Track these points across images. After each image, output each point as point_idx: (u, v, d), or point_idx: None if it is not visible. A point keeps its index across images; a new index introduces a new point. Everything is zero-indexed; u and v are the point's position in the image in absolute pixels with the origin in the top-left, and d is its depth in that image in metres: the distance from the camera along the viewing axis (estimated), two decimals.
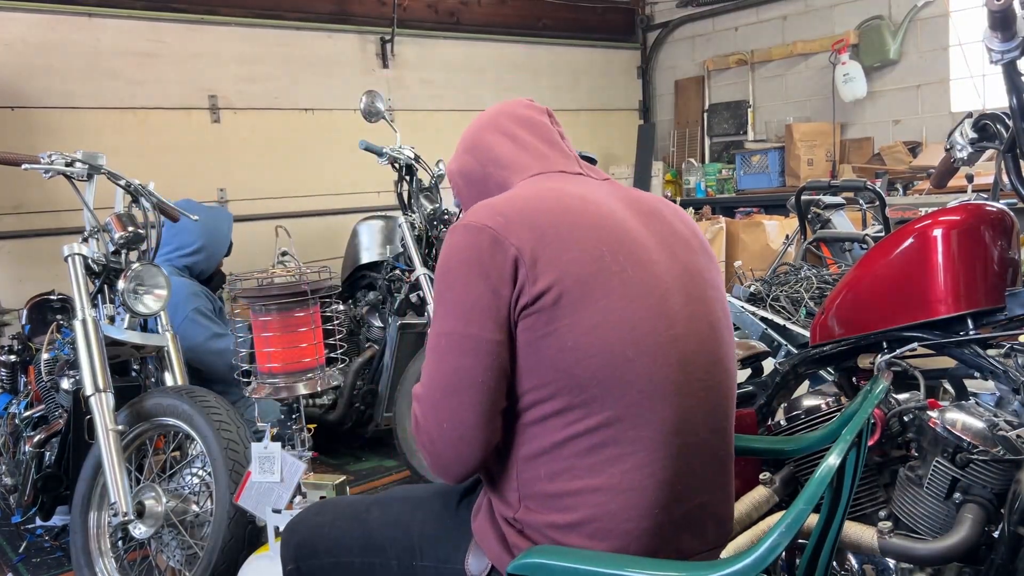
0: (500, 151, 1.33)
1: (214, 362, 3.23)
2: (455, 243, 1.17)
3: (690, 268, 1.23)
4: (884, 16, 5.74)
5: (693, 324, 1.18)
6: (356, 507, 1.40)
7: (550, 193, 1.20)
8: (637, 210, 1.24)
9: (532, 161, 1.31)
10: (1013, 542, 1.36)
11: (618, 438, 1.11)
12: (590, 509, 1.11)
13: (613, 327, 1.11)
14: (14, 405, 3.17)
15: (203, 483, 2.29)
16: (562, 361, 1.10)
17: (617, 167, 7.02)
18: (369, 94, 3.45)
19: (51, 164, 2.45)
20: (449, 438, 1.14)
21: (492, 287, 1.12)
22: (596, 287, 1.12)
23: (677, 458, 1.14)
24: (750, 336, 2.37)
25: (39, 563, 2.84)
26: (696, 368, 1.17)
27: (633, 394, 1.11)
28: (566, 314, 1.10)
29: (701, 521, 1.20)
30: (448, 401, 1.14)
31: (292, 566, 1.40)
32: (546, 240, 1.13)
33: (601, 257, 1.13)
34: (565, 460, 1.12)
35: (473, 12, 6.22)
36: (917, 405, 1.58)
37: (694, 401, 1.16)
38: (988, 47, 1.59)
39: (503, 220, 1.15)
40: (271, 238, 2.38)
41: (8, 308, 4.11)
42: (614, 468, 1.11)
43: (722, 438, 1.23)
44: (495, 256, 1.12)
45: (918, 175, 5.21)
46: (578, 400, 1.10)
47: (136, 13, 4.65)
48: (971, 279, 1.61)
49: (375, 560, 1.31)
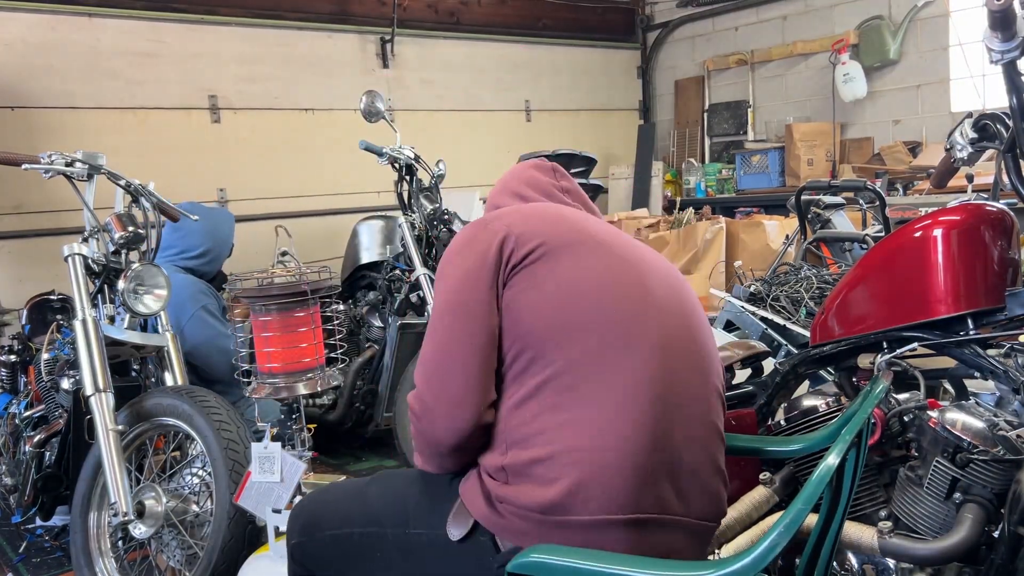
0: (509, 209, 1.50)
1: (220, 360, 3.23)
2: (459, 234, 1.36)
3: (671, 278, 1.36)
4: (884, 16, 5.74)
5: (670, 303, 1.30)
6: (358, 484, 1.47)
7: (543, 206, 1.42)
8: (621, 236, 1.39)
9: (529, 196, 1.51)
10: (1013, 542, 1.36)
11: (590, 377, 1.21)
12: (569, 440, 1.18)
13: (590, 280, 1.25)
14: (14, 405, 3.17)
15: (203, 483, 2.29)
16: (541, 309, 1.23)
17: (617, 167, 7.03)
18: (369, 94, 3.45)
19: (51, 164, 2.45)
20: (442, 402, 1.24)
21: (482, 259, 1.27)
22: (580, 248, 1.28)
23: (654, 407, 1.21)
24: (750, 336, 2.37)
25: (39, 563, 2.84)
26: (675, 338, 1.27)
27: (609, 338, 1.22)
28: (548, 264, 1.26)
29: (686, 484, 1.23)
30: (442, 366, 1.25)
31: (296, 540, 1.45)
32: (531, 222, 1.31)
33: (581, 241, 1.30)
34: (544, 400, 1.21)
35: (473, 12, 6.22)
36: (917, 405, 1.58)
37: (674, 363, 1.25)
38: (988, 47, 1.59)
39: (496, 214, 1.36)
40: (271, 238, 2.38)
41: (8, 308, 4.11)
42: (590, 403, 1.20)
43: (707, 407, 1.29)
44: (488, 238, 1.29)
45: (918, 175, 5.21)
46: (552, 343, 1.22)
47: (136, 13, 4.65)
48: (971, 279, 1.61)
49: (373, 530, 1.36)
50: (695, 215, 5.98)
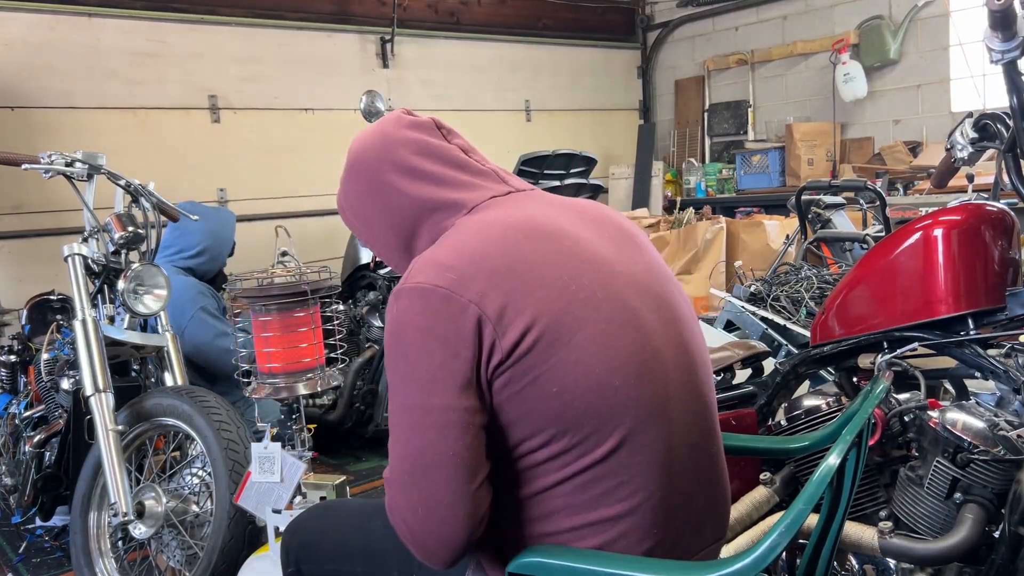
0: (415, 194, 1.21)
1: (220, 360, 3.23)
2: (404, 308, 1.07)
3: (650, 267, 1.19)
4: (884, 16, 5.74)
5: (668, 329, 1.15)
6: (360, 514, 1.36)
7: (493, 229, 1.11)
8: (584, 219, 1.19)
9: (457, 196, 1.20)
10: (1013, 542, 1.36)
11: (615, 469, 1.07)
12: (590, 541, 1.09)
13: (595, 358, 1.05)
14: (14, 405, 3.17)
15: (203, 483, 2.28)
16: (551, 407, 1.04)
17: (617, 167, 7.03)
18: (369, 94, 3.45)
19: (51, 164, 2.45)
20: (427, 523, 1.04)
21: (453, 351, 1.03)
22: (570, 322, 1.05)
23: (672, 474, 1.11)
24: (750, 336, 2.37)
25: (39, 563, 2.84)
26: (677, 376, 1.14)
27: (627, 422, 1.07)
28: (545, 358, 1.03)
29: (699, 523, 1.19)
30: (419, 482, 1.04)
31: (293, 569, 1.39)
32: (506, 288, 1.04)
33: (566, 287, 1.07)
34: (562, 499, 1.08)
35: (473, 12, 6.22)
36: (917, 405, 1.58)
37: (680, 410, 1.13)
38: (988, 47, 1.59)
39: (454, 276, 1.05)
40: (271, 238, 2.37)
41: (8, 308, 4.11)
42: (611, 499, 1.07)
43: (710, 437, 1.20)
44: (453, 318, 1.03)
45: (918, 175, 5.21)
46: (573, 442, 1.05)
47: (136, 13, 4.65)
48: (971, 279, 1.61)
49: (376, 571, 1.28)
50: (695, 215, 5.98)
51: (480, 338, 1.03)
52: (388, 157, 1.23)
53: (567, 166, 4.75)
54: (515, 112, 6.55)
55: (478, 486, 1.04)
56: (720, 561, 1.00)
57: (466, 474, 1.03)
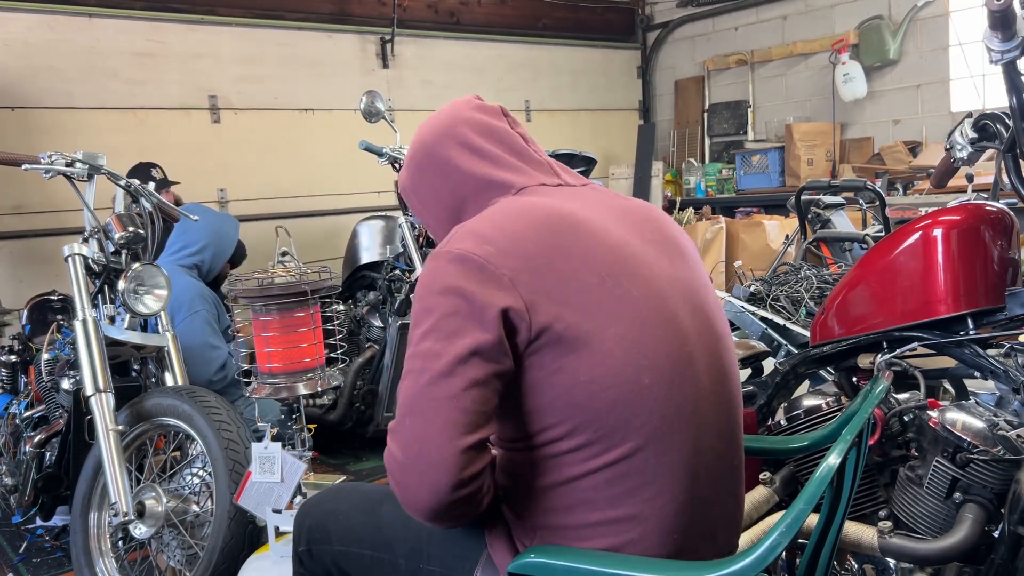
0: (469, 169, 1.24)
1: (200, 371, 3.16)
2: (440, 267, 1.08)
3: (691, 275, 1.20)
4: (884, 16, 5.74)
5: (702, 338, 1.15)
6: (371, 498, 1.37)
7: (537, 212, 1.13)
8: (629, 219, 1.20)
9: (509, 176, 1.23)
10: (1013, 542, 1.36)
11: (640, 468, 1.07)
12: (609, 539, 1.09)
13: (626, 355, 1.06)
14: (14, 405, 3.17)
15: (203, 483, 2.29)
16: (577, 396, 1.05)
17: (617, 167, 7.03)
18: (369, 94, 3.45)
19: (51, 164, 2.45)
20: (417, 462, 1.03)
21: (479, 313, 1.04)
22: (602, 315, 1.06)
23: (695, 478, 1.11)
24: (750, 336, 2.37)
25: (39, 563, 2.84)
26: (709, 384, 1.14)
27: (655, 421, 1.07)
28: (575, 347, 1.04)
29: (714, 532, 1.19)
30: (417, 419, 1.04)
31: (304, 547, 1.40)
32: (541, 273, 1.06)
33: (602, 282, 1.07)
34: (584, 492, 1.08)
35: (473, 12, 6.22)
36: (917, 405, 1.58)
37: (709, 417, 1.14)
38: (988, 47, 1.59)
39: (493, 249, 1.07)
40: (271, 238, 2.38)
41: (8, 308, 4.11)
42: (634, 498, 1.08)
43: (734, 446, 1.21)
44: (487, 283, 1.05)
45: (918, 175, 5.21)
46: (597, 435, 1.05)
47: (136, 13, 4.65)
48: (971, 279, 1.61)
49: (384, 556, 1.28)
50: (695, 215, 5.99)
51: (508, 311, 1.04)
52: (451, 132, 1.26)
53: (567, 166, 4.74)
54: (515, 112, 6.51)
55: (474, 443, 1.04)
56: (720, 561, 1.00)
57: (465, 422, 1.03)
